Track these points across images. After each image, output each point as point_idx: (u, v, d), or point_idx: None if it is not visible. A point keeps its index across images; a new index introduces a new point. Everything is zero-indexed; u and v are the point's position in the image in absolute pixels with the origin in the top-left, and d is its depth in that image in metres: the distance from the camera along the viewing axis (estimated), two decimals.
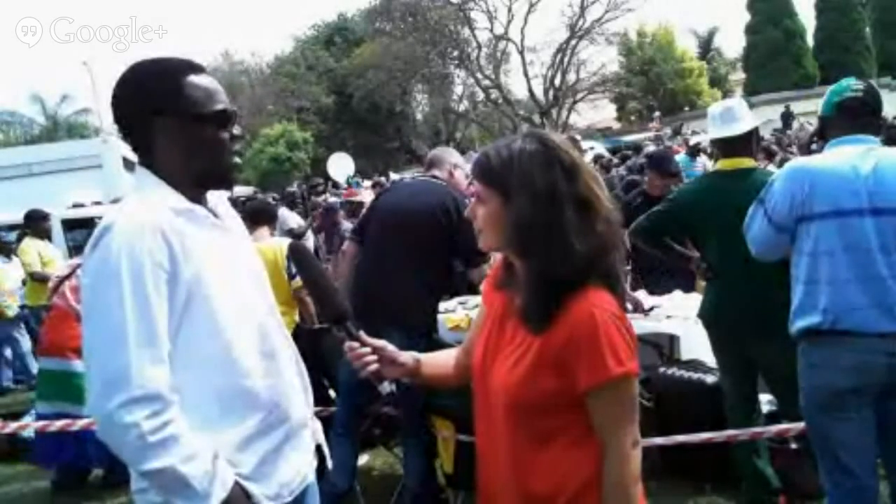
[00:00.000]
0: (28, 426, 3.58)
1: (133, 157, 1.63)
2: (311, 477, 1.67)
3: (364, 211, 3.77)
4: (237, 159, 1.61)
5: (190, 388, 1.43)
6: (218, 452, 1.42)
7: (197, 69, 1.56)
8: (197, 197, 1.56)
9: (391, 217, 3.37)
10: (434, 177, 3.49)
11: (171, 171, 1.52)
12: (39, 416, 4.39)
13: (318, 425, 1.76)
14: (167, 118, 1.51)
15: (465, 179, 3.60)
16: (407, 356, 1.66)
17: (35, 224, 7.24)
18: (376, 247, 3.39)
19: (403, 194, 3.52)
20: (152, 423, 1.33)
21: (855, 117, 2.46)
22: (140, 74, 1.54)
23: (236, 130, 1.59)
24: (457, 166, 3.53)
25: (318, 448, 1.74)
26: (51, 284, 4.67)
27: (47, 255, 7.13)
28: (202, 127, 1.52)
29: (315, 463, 1.70)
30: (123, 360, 1.34)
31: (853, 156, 2.38)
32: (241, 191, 17.16)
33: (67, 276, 4.56)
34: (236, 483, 1.44)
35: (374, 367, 1.59)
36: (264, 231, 4.40)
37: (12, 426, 3.62)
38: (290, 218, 8.96)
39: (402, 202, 3.41)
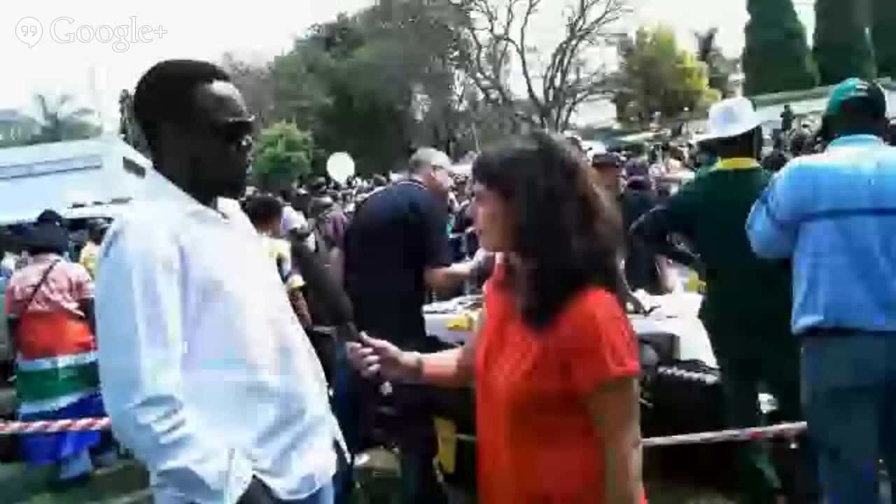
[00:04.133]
0: (30, 426, 3.58)
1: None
2: (332, 472, 1.67)
3: (350, 221, 3.86)
4: (246, 171, 1.61)
5: (207, 385, 1.44)
6: (235, 449, 1.44)
7: (213, 76, 1.56)
8: (206, 199, 1.57)
9: (367, 223, 3.48)
10: (413, 180, 3.55)
11: (180, 176, 1.54)
12: (25, 417, 4.48)
13: (334, 421, 1.76)
14: (175, 125, 1.52)
15: (447, 179, 3.70)
16: (408, 357, 1.67)
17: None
18: (356, 254, 3.49)
19: (378, 200, 3.64)
20: (164, 424, 1.35)
21: (859, 117, 2.46)
22: (154, 78, 1.55)
23: (245, 141, 1.58)
24: (437, 167, 3.57)
25: (336, 444, 1.74)
26: (19, 295, 4.66)
27: None
28: (210, 137, 1.53)
29: (334, 459, 1.70)
30: (135, 362, 1.36)
31: (856, 155, 2.38)
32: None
33: (42, 282, 4.65)
34: (255, 479, 1.45)
35: (375, 367, 1.60)
36: (264, 231, 4.40)
37: (13, 426, 3.62)
38: (295, 218, 8.95)
39: (377, 208, 3.51)
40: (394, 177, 13.49)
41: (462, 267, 3.58)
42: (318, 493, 1.62)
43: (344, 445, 1.77)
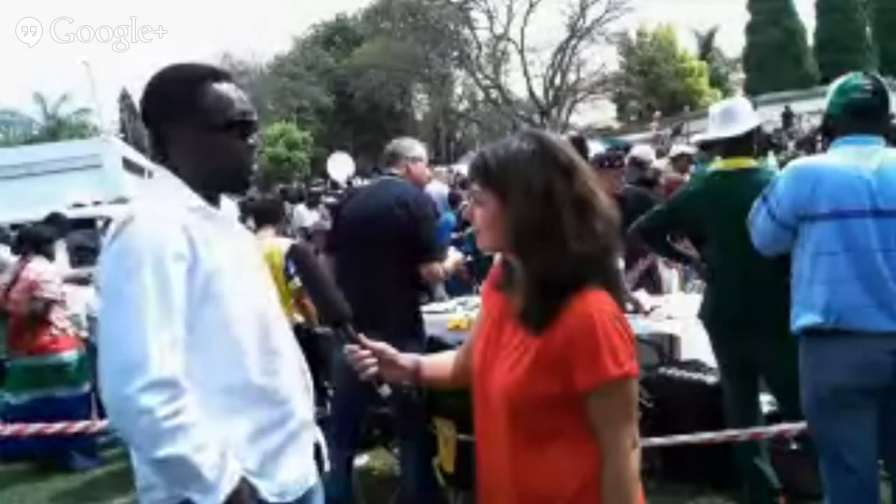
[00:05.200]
0: (27, 428, 3.57)
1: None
2: (312, 481, 1.67)
3: (331, 222, 3.74)
4: (252, 168, 1.63)
5: (198, 380, 1.44)
6: (225, 447, 1.43)
7: (218, 77, 1.59)
8: (212, 195, 1.59)
9: (354, 224, 3.37)
10: (392, 174, 3.46)
11: (186, 174, 1.56)
12: (13, 408, 4.81)
13: (317, 428, 1.76)
14: (180, 126, 1.55)
15: (425, 171, 3.61)
16: (407, 358, 1.67)
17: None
18: (345, 255, 3.41)
19: (362, 199, 3.51)
20: (167, 409, 1.34)
21: (861, 117, 2.44)
22: (160, 81, 1.59)
23: (253, 139, 1.61)
24: (414, 160, 3.48)
25: (318, 449, 1.74)
26: None
27: None
28: (214, 136, 1.55)
29: (314, 467, 1.70)
30: (142, 345, 1.35)
31: (857, 156, 2.38)
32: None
33: (14, 282, 4.87)
34: (243, 478, 1.45)
35: (374, 370, 1.59)
36: (269, 231, 4.42)
37: (10, 429, 3.62)
38: (306, 216, 8.93)
39: (361, 207, 3.40)
40: None
41: (449, 262, 3.55)
42: (304, 498, 1.61)
43: (325, 452, 1.76)
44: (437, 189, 9.01)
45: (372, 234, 3.24)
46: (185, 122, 1.55)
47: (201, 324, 1.45)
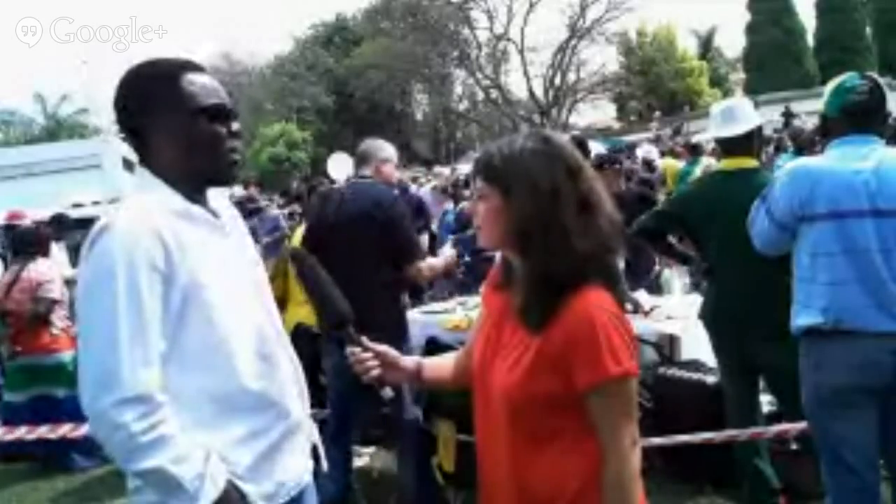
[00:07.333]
0: (32, 433, 3.56)
1: (133, 157, 1.64)
2: (307, 479, 1.66)
3: (306, 228, 3.66)
4: (237, 156, 1.60)
5: (186, 387, 1.44)
6: (211, 451, 1.43)
7: (193, 68, 1.57)
8: (197, 196, 1.56)
9: (330, 228, 3.32)
10: (363, 176, 3.44)
11: (170, 170, 1.53)
12: (12, 406, 4.88)
13: (313, 426, 1.75)
14: (163, 116, 1.52)
15: (395, 172, 3.58)
16: (408, 361, 1.67)
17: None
18: (324, 260, 3.35)
19: (336, 203, 3.43)
20: (141, 424, 1.34)
21: (859, 118, 2.44)
22: (135, 76, 1.56)
23: (235, 126, 1.58)
24: (384, 161, 3.45)
25: (314, 449, 1.74)
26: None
27: None
28: (197, 122, 1.52)
29: (311, 465, 1.69)
30: (115, 360, 1.35)
31: (856, 157, 2.37)
32: (240, 191, 17.08)
33: (14, 282, 4.89)
34: (230, 482, 1.44)
35: (376, 372, 1.59)
36: None
37: (15, 433, 3.62)
38: None
39: (336, 210, 3.35)
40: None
41: (439, 260, 3.53)
42: (298, 497, 1.61)
43: (322, 451, 1.75)
44: (428, 191, 9.00)
45: (350, 238, 3.20)
46: (166, 111, 1.51)
47: (188, 333, 1.44)
